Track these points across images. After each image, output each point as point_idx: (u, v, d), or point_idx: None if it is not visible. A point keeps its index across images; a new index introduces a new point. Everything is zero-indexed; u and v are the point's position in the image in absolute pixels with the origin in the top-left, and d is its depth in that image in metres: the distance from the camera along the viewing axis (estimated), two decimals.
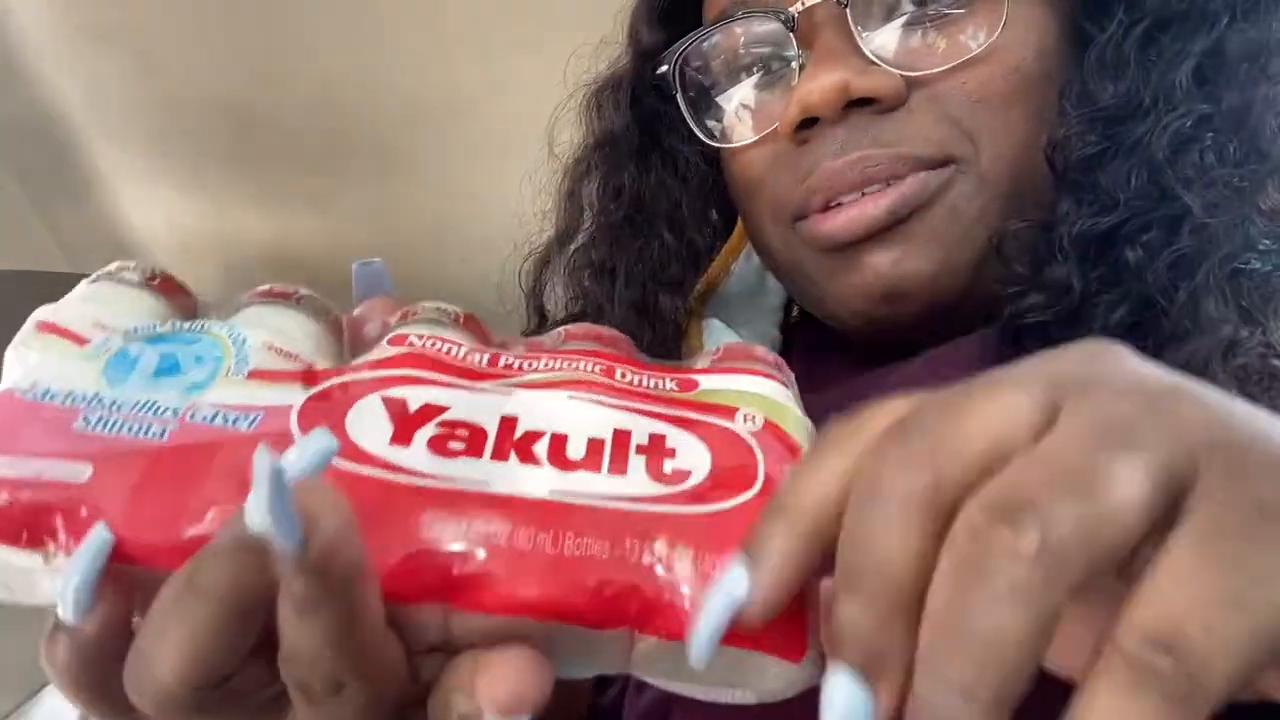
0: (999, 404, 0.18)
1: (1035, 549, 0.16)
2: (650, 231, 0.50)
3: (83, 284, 0.25)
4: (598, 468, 0.23)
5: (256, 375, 0.23)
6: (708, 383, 0.26)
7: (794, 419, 0.25)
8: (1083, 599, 0.16)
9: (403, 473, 0.21)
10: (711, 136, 0.46)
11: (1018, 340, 0.37)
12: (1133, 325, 0.36)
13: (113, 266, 0.25)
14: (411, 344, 0.24)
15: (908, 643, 0.17)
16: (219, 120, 1.24)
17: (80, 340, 0.23)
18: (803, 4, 0.41)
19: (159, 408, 0.21)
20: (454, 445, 0.22)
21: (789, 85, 0.42)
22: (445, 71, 1.14)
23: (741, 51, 0.44)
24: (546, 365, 0.25)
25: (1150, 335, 0.35)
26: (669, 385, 0.26)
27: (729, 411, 0.25)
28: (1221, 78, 0.37)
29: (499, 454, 0.22)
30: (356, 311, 0.27)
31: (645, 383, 0.26)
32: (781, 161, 0.43)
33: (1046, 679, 0.17)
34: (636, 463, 0.23)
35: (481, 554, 0.20)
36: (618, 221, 0.50)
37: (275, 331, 0.24)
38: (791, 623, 0.20)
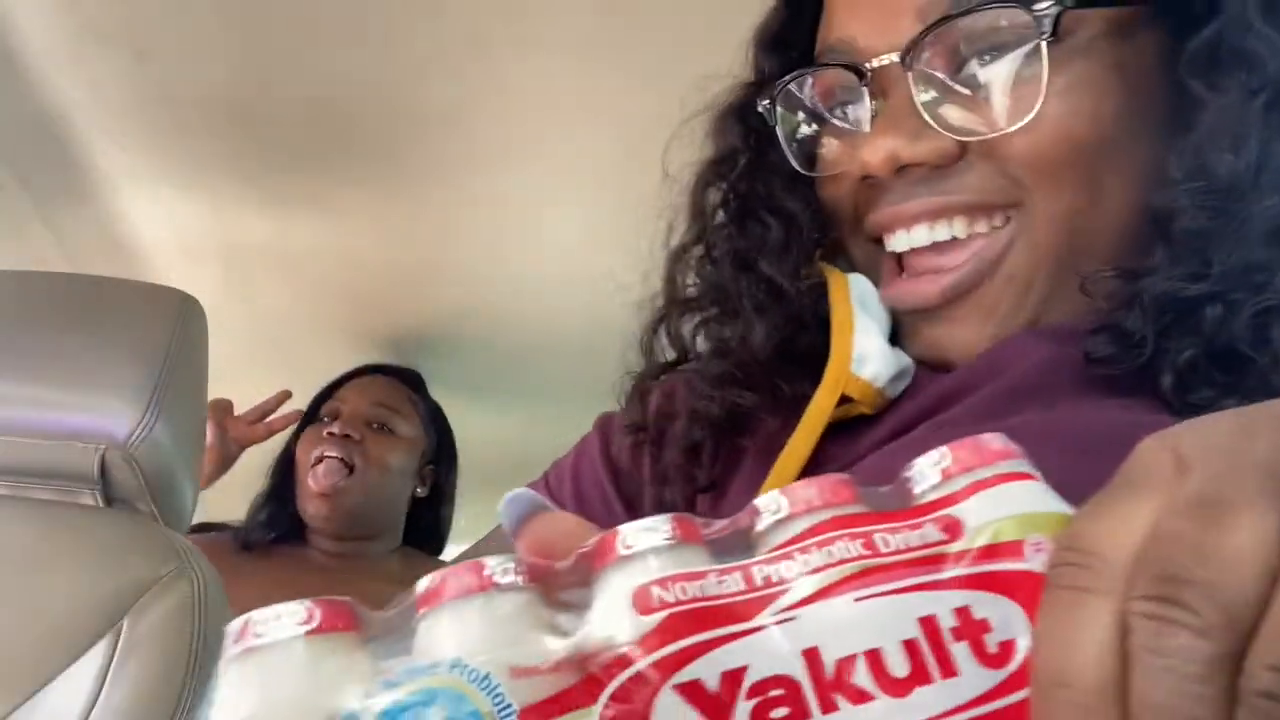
0: (1250, 531, 0.17)
1: None
2: (760, 219, 0.53)
3: (232, 668, 0.21)
4: (928, 678, 0.21)
5: (528, 716, 0.20)
6: (972, 516, 0.23)
7: (1064, 521, 0.22)
8: None
9: None
10: (802, 164, 0.50)
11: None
12: (1198, 365, 0.38)
13: (241, 639, 0.21)
14: (662, 600, 0.21)
15: None
16: (219, 120, 1.24)
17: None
18: (877, 62, 0.44)
19: None
20: (777, 714, 0.20)
21: (864, 129, 0.46)
22: (446, 72, 1.14)
23: (832, 93, 0.49)
24: (806, 565, 0.22)
25: (1234, 385, 0.37)
26: (935, 534, 0.22)
27: (1015, 549, 0.22)
28: None
29: (827, 705, 0.20)
30: (521, 552, 0.24)
31: (912, 539, 0.22)
32: (856, 198, 0.47)
33: None
34: (960, 652, 0.21)
35: None
36: (732, 217, 0.54)
37: (503, 646, 0.21)
38: None
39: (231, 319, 1.49)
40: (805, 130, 0.51)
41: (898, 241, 0.46)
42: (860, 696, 0.20)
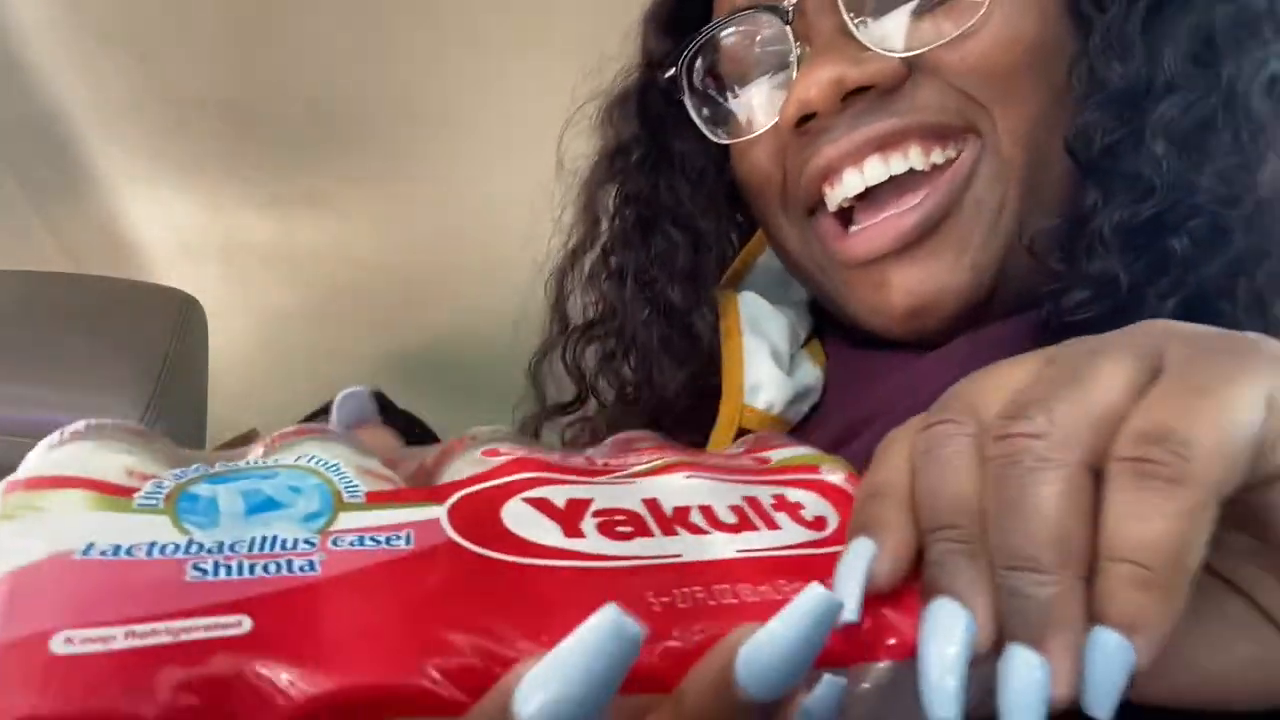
0: (1111, 370, 0.20)
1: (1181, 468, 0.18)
2: (665, 232, 0.50)
3: (49, 444, 0.20)
4: (755, 526, 0.23)
5: (376, 499, 0.20)
6: (774, 456, 0.27)
7: (847, 466, 0.27)
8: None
9: (605, 559, 0.21)
10: (719, 135, 0.47)
11: (1062, 333, 0.38)
12: (1184, 318, 0.36)
13: (80, 426, 0.21)
14: (512, 450, 0.23)
15: (1085, 608, 0.18)
16: (219, 120, 1.24)
17: (119, 490, 0.19)
18: None
19: (285, 541, 0.19)
20: (622, 529, 0.22)
21: (790, 80, 0.42)
22: (445, 71, 1.14)
23: (743, 51, 0.45)
24: (638, 460, 0.25)
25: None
26: (747, 462, 0.27)
27: (813, 469, 0.26)
28: (1229, 51, 0.37)
29: (667, 530, 0.22)
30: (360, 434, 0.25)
31: (729, 463, 0.26)
32: (787, 156, 0.43)
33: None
34: (781, 518, 0.24)
35: (725, 615, 0.20)
36: (631, 225, 0.50)
37: (353, 457, 0.22)
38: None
39: (231, 319, 1.49)
40: (717, 99, 0.47)
41: (848, 185, 0.41)
42: (696, 529, 0.22)
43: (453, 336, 1.74)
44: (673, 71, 0.47)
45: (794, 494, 0.25)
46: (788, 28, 0.42)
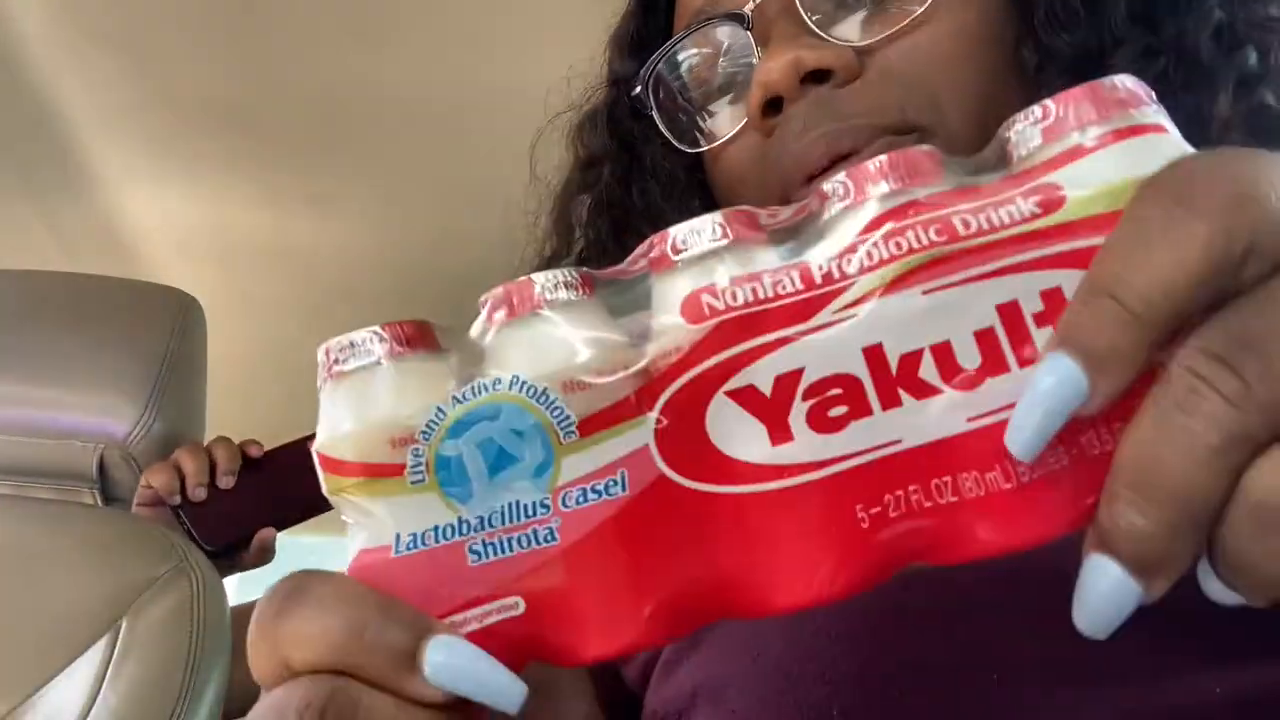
0: None
1: None
2: (640, 234, 0.50)
3: (326, 394, 0.22)
4: (1004, 365, 0.19)
5: (587, 428, 0.21)
6: (1074, 184, 0.19)
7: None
8: None
9: (813, 467, 0.19)
10: (689, 145, 0.48)
11: None
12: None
13: (334, 352, 0.22)
14: (712, 308, 0.20)
15: (1194, 552, 0.17)
16: (219, 120, 1.24)
17: (395, 470, 0.21)
18: (754, 1, 0.43)
19: (527, 508, 0.20)
20: (836, 412, 0.19)
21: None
22: (445, 71, 1.14)
23: (708, 62, 0.46)
24: (870, 258, 0.20)
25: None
26: (1028, 208, 0.19)
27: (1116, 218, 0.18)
28: (1171, 6, 0.40)
29: (889, 401, 0.19)
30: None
31: (998, 218, 0.19)
32: (759, 156, 0.44)
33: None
34: (1043, 337, 0.19)
35: (942, 515, 0.19)
36: (606, 233, 0.52)
37: (557, 362, 0.21)
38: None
39: (231, 318, 1.49)
40: (684, 111, 0.48)
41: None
42: (925, 390, 0.19)
43: None
44: (638, 90, 0.48)
45: (1078, 282, 0.18)
46: (748, 33, 0.43)
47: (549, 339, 0.21)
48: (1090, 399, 0.17)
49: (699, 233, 0.21)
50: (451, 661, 0.19)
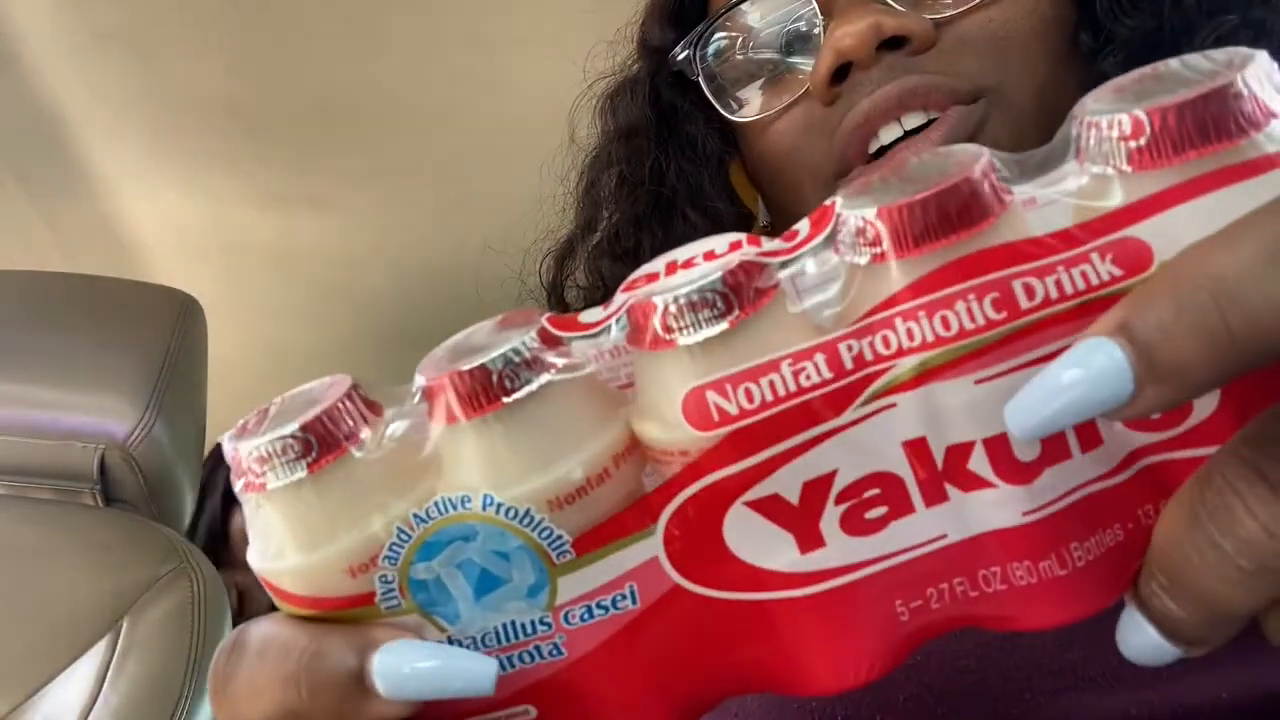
0: None
1: None
2: (674, 213, 0.50)
3: (250, 508, 0.19)
4: (1066, 453, 0.16)
5: (584, 545, 0.18)
6: (1166, 237, 0.15)
7: None
8: None
9: (849, 570, 0.17)
10: (739, 114, 0.46)
11: None
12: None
13: (246, 460, 0.19)
14: (723, 413, 0.16)
15: (1232, 634, 0.16)
16: (219, 120, 1.24)
17: (363, 599, 0.18)
18: None
19: (525, 626, 0.18)
20: (874, 514, 0.17)
21: (815, 50, 0.42)
22: (445, 71, 1.14)
23: (762, 28, 0.45)
24: (911, 337, 0.16)
25: None
26: (1106, 271, 0.15)
27: None
28: None
29: (934, 498, 0.17)
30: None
31: (1068, 284, 0.15)
32: (815, 125, 0.43)
33: None
34: (1116, 428, 0.16)
35: (987, 602, 0.17)
36: (642, 207, 0.50)
37: (536, 475, 0.17)
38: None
39: (231, 318, 1.49)
40: (735, 79, 0.47)
41: (884, 138, 0.41)
42: (974, 483, 0.16)
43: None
44: (686, 54, 0.47)
45: None
46: (813, 2, 0.42)
47: (520, 446, 0.17)
48: (1126, 407, 0.14)
49: (695, 308, 0.17)
50: (402, 669, 0.17)
